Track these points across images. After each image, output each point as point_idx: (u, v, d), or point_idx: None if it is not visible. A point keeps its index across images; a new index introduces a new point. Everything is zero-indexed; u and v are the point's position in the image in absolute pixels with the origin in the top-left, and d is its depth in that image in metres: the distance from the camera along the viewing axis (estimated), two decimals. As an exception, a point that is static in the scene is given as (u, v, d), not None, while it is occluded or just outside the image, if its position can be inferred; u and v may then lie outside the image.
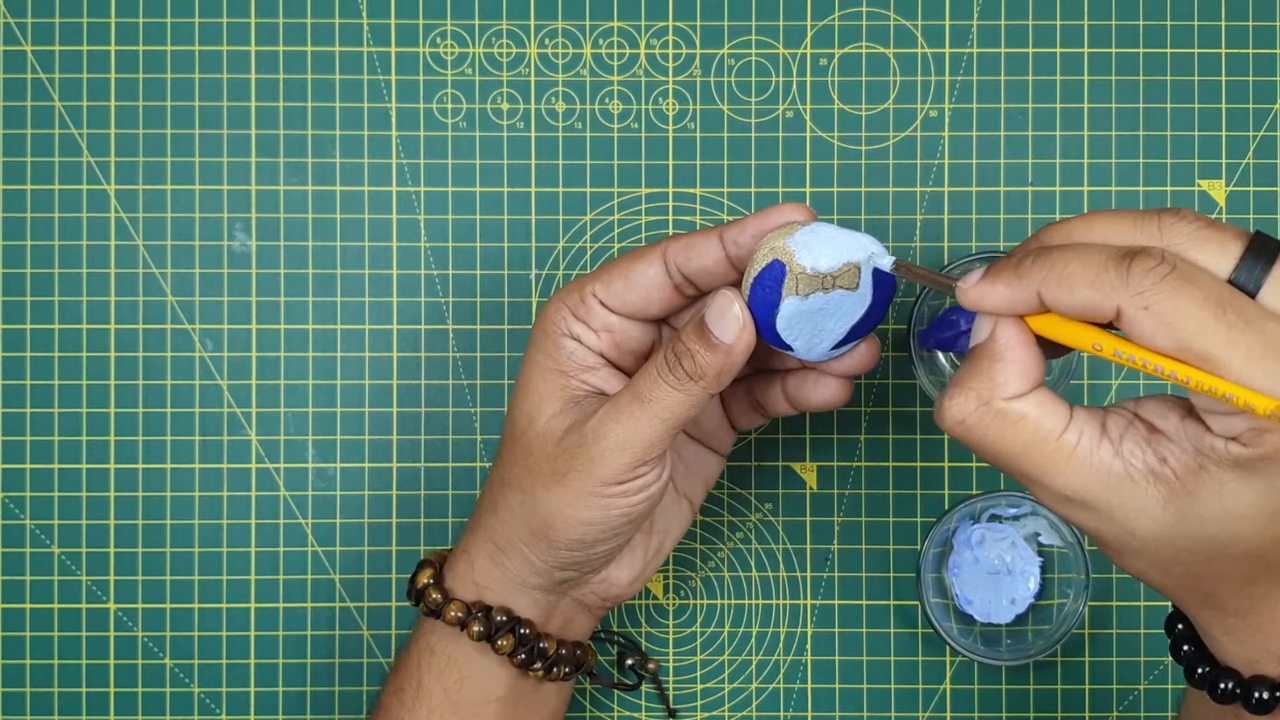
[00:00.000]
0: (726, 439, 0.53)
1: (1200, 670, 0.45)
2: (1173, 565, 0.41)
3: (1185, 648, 0.46)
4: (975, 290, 0.40)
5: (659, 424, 0.46)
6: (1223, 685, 0.44)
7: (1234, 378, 0.37)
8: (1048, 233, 0.41)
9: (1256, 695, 0.43)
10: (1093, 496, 0.40)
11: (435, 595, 0.50)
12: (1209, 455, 0.39)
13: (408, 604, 0.51)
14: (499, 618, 0.49)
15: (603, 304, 0.48)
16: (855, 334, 0.47)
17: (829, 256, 0.45)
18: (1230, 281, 0.38)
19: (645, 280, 0.47)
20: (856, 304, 0.46)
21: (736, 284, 0.47)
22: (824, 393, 0.49)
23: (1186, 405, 0.40)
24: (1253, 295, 0.37)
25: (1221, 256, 0.38)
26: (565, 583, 0.50)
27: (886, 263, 0.45)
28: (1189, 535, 0.40)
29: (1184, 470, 0.39)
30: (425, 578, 0.51)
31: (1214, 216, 0.60)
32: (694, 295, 0.48)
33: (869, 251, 0.46)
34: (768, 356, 0.50)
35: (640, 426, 0.46)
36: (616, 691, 0.60)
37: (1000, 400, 0.40)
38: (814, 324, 0.46)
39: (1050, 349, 0.42)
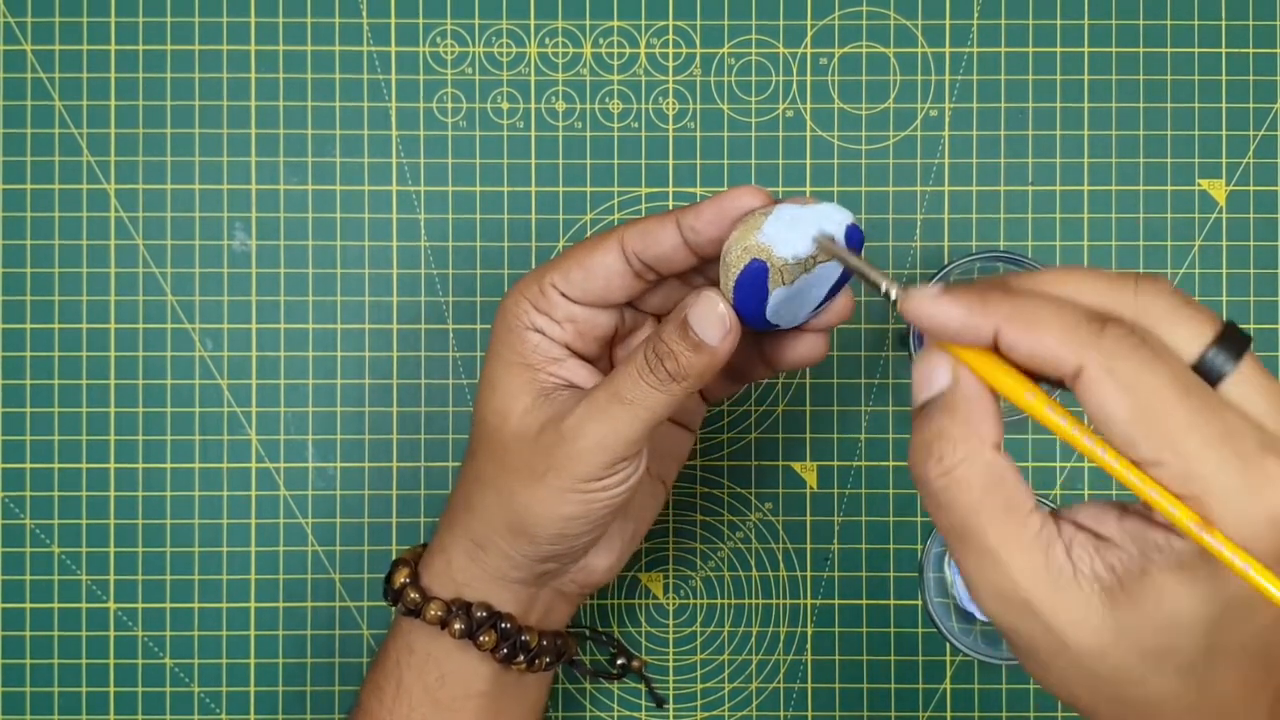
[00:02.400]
0: (698, 413, 0.53)
1: None
2: (1104, 685, 0.38)
3: None
4: (928, 303, 0.37)
5: (639, 423, 0.45)
6: None
7: (1184, 461, 0.35)
8: (1015, 279, 0.38)
9: None
10: (1038, 592, 0.37)
11: (414, 594, 0.50)
12: (1152, 555, 0.36)
13: (387, 603, 0.51)
14: (479, 614, 0.49)
15: (563, 295, 0.47)
16: (833, 291, 0.47)
17: (805, 240, 0.44)
18: (1200, 362, 0.36)
19: (604, 269, 0.47)
20: (835, 268, 0.46)
21: (704, 268, 0.47)
22: (804, 349, 0.48)
23: (1121, 506, 0.37)
24: (1214, 384, 0.36)
25: (1192, 339, 0.36)
26: (545, 574, 0.50)
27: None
28: (1126, 650, 0.37)
29: (1127, 575, 0.36)
30: (402, 577, 0.50)
31: (1213, 216, 0.60)
32: (654, 280, 0.48)
33: (838, 221, 0.45)
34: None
35: (620, 426, 0.45)
36: (616, 690, 0.60)
37: (990, 450, 0.37)
38: (800, 300, 0.46)
39: None
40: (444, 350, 0.60)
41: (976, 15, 0.60)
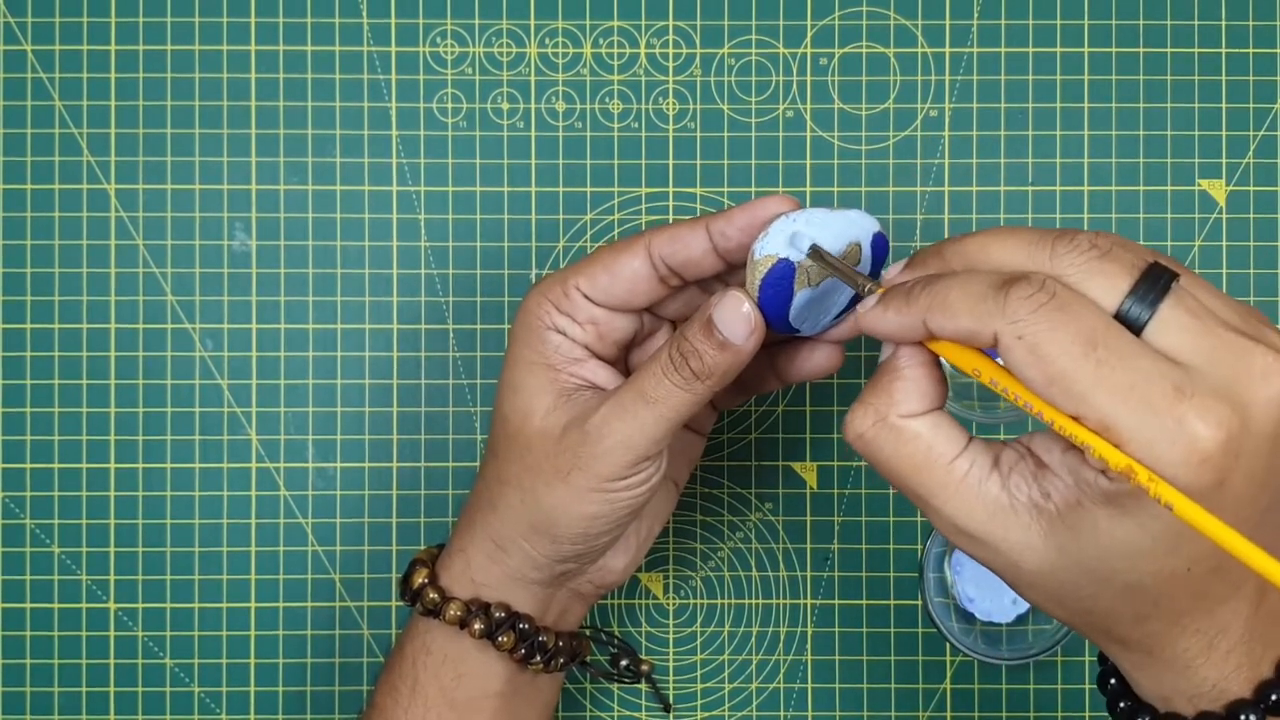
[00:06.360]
0: (708, 419, 0.54)
1: (1121, 704, 0.44)
2: (1064, 600, 0.41)
3: (1111, 681, 0.45)
4: (870, 316, 0.41)
5: (664, 422, 0.46)
6: None
7: (1098, 415, 0.36)
8: (948, 247, 0.41)
9: None
10: (977, 527, 0.40)
11: (433, 595, 0.50)
12: (1084, 489, 0.38)
13: (405, 603, 0.51)
14: (498, 614, 0.49)
15: (586, 297, 0.48)
16: (854, 302, 0.47)
17: (835, 242, 0.45)
18: (1119, 313, 0.37)
19: (630, 273, 0.47)
20: None
21: (726, 274, 0.47)
22: (819, 359, 0.49)
23: (1067, 439, 0.39)
24: (1139, 329, 0.37)
25: (1107, 293, 0.37)
26: (564, 575, 0.50)
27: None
28: (1071, 569, 0.39)
29: (1064, 504, 0.39)
30: (421, 577, 0.50)
31: (1213, 216, 0.60)
32: (678, 285, 0.48)
33: (866, 228, 0.46)
34: None
35: (646, 425, 0.46)
36: (616, 690, 0.60)
37: (896, 416, 0.41)
38: (822, 305, 0.46)
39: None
40: (444, 350, 0.60)
41: (976, 15, 0.60)
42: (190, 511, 0.60)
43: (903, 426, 0.41)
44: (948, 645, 0.59)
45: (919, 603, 0.60)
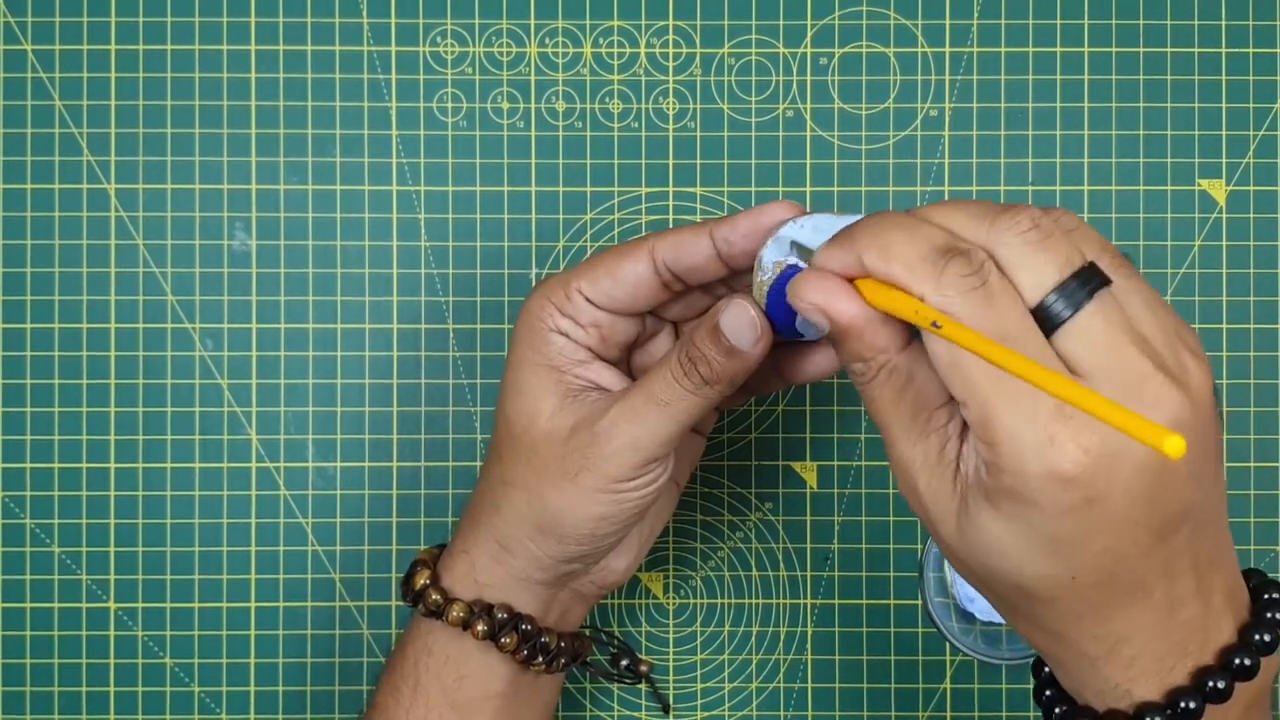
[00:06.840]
0: (710, 420, 0.54)
1: (1048, 692, 0.43)
2: (970, 574, 0.41)
3: (1045, 669, 0.44)
4: (819, 254, 0.41)
5: (674, 425, 0.46)
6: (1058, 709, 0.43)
7: (982, 408, 0.37)
8: (916, 209, 0.41)
9: None
10: (921, 480, 0.40)
11: (435, 596, 0.50)
12: (978, 476, 0.38)
13: (407, 604, 0.51)
14: (501, 615, 0.49)
15: (588, 300, 0.48)
16: None
17: None
18: (1040, 307, 0.37)
19: (632, 277, 0.47)
20: None
21: (729, 278, 0.47)
22: (824, 361, 0.49)
23: None
24: (1054, 328, 0.37)
25: (1037, 280, 0.37)
26: (568, 575, 0.50)
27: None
28: (968, 555, 0.39)
29: (965, 486, 0.39)
30: (423, 579, 0.50)
31: (1213, 216, 0.60)
32: (681, 290, 0.49)
33: None
34: None
35: (655, 427, 0.46)
36: (616, 690, 0.60)
37: (896, 356, 0.40)
38: None
39: None
40: (444, 350, 0.60)
41: (976, 15, 0.60)
42: (190, 511, 0.60)
43: (899, 365, 0.40)
44: (948, 645, 0.60)
45: (919, 603, 0.60)
